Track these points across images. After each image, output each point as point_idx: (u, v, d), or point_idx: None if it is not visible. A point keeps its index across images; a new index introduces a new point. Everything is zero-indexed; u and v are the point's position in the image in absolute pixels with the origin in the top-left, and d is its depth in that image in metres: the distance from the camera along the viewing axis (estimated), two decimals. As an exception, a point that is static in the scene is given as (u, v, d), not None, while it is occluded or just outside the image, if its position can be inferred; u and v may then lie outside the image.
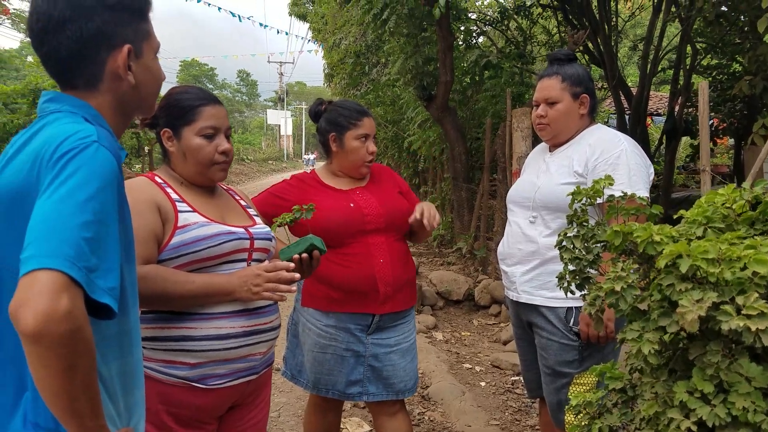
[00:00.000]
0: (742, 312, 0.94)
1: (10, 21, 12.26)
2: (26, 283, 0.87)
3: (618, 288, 1.14)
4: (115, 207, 1.01)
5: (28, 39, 1.17)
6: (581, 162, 2.06)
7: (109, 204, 0.98)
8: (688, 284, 1.01)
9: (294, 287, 1.61)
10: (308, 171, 2.43)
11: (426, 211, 2.17)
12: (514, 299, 2.21)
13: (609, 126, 2.27)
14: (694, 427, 0.98)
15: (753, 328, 0.91)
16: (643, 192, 1.92)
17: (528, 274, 2.13)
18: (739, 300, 0.95)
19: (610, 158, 2.00)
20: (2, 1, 11.37)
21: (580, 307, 2.01)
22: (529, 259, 2.13)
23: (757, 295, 0.95)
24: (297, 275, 1.62)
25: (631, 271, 1.16)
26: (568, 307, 2.05)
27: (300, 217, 1.85)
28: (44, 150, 1.00)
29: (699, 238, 1.14)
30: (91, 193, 0.95)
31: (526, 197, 2.18)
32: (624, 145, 2.02)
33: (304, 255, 1.73)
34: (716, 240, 1.05)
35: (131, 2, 1.16)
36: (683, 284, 1.01)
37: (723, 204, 1.20)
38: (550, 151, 2.24)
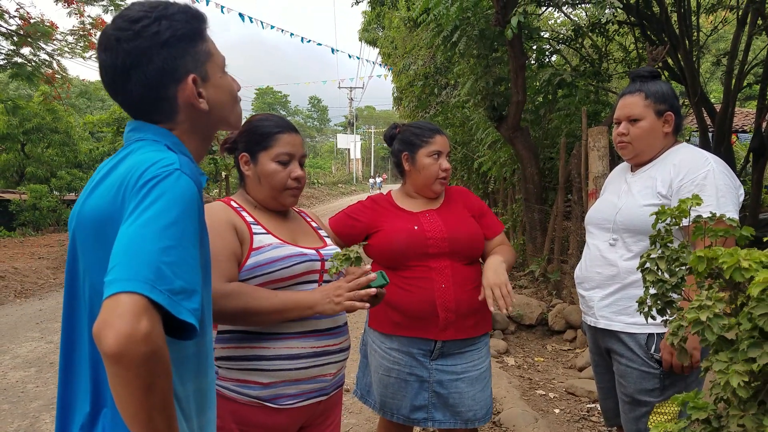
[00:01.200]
0: None
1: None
2: (109, 306, 0.90)
3: (703, 318, 1.07)
4: (196, 232, 1.04)
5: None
6: (665, 183, 1.97)
7: (190, 229, 1.01)
8: (782, 314, 0.94)
9: (373, 290, 1.62)
10: (374, 193, 2.44)
11: (497, 293, 2.01)
12: (592, 324, 2.13)
13: (691, 144, 2.15)
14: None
15: None
16: (732, 214, 1.81)
17: (607, 298, 2.05)
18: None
19: (696, 179, 1.90)
20: (89, 37, 12.25)
21: (662, 333, 1.91)
22: (609, 283, 2.05)
23: None
24: (373, 275, 1.64)
25: (717, 299, 1.08)
26: (649, 334, 1.95)
27: (350, 265, 1.73)
28: (129, 177, 1.05)
29: (795, 264, 1.05)
30: (172, 219, 0.98)
31: (606, 219, 2.11)
32: (711, 165, 1.92)
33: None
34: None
35: (184, 31, 1.16)
36: (777, 314, 0.94)
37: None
38: (632, 171, 2.15)
